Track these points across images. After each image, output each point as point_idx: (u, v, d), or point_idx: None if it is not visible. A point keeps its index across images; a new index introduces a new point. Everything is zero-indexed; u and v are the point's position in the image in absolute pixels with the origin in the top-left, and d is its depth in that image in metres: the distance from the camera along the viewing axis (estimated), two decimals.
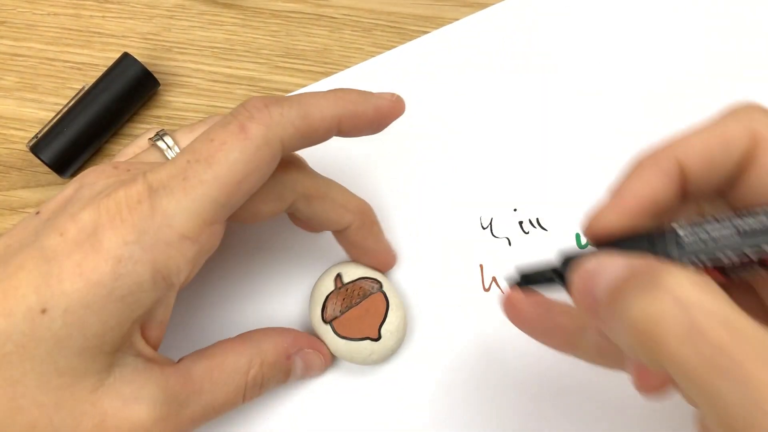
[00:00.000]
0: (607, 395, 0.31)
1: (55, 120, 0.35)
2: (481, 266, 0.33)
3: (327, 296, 0.31)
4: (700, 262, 0.20)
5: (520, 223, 0.34)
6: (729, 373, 0.17)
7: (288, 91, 0.37)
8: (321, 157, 0.32)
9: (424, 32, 0.38)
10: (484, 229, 0.34)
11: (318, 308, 0.31)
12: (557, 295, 0.24)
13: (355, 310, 0.30)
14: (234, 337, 0.29)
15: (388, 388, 0.32)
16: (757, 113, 0.22)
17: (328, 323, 0.30)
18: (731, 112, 0.23)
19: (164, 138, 0.30)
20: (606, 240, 0.22)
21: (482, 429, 0.31)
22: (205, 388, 0.26)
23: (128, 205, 0.23)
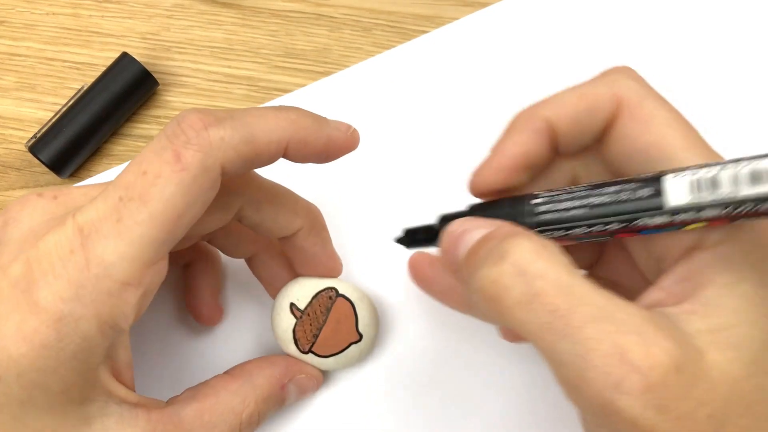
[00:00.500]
0: None
1: (54, 120, 0.35)
2: None
3: (293, 330, 0.29)
4: (554, 230, 0.22)
5: None
6: (563, 334, 0.18)
7: (288, 91, 0.37)
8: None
9: (424, 32, 0.38)
10: None
11: (291, 345, 0.29)
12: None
13: (327, 327, 0.29)
14: (225, 374, 0.28)
15: (379, 370, 0.32)
16: (624, 77, 0.23)
17: (308, 352, 0.30)
18: (601, 75, 0.23)
19: None
20: (487, 196, 0.24)
21: (470, 395, 0.31)
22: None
23: (60, 257, 0.22)
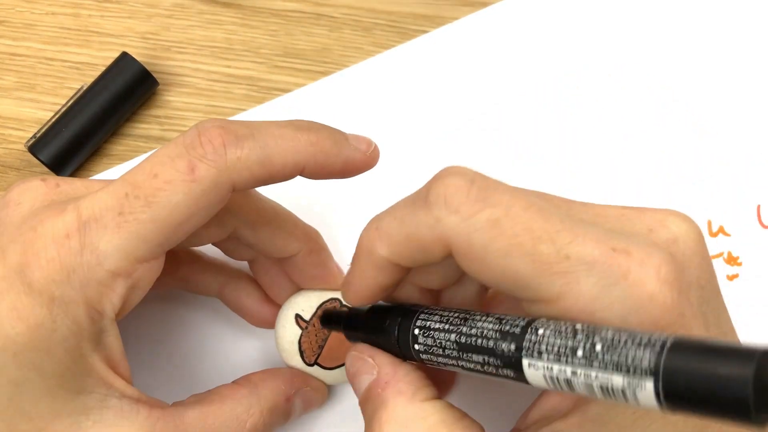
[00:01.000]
0: None
1: (54, 120, 0.35)
2: None
3: (299, 341, 0.29)
4: (431, 355, 0.22)
5: None
6: None
7: (288, 91, 0.37)
8: None
9: (424, 31, 0.38)
10: None
11: (296, 356, 0.29)
12: None
13: (332, 338, 0.29)
14: (232, 383, 0.28)
15: None
16: (447, 213, 0.20)
17: (313, 364, 0.29)
18: (425, 202, 0.21)
19: None
20: (366, 304, 0.25)
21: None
22: None
23: (55, 240, 0.22)
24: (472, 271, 0.20)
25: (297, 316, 0.29)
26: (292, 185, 0.29)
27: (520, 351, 0.19)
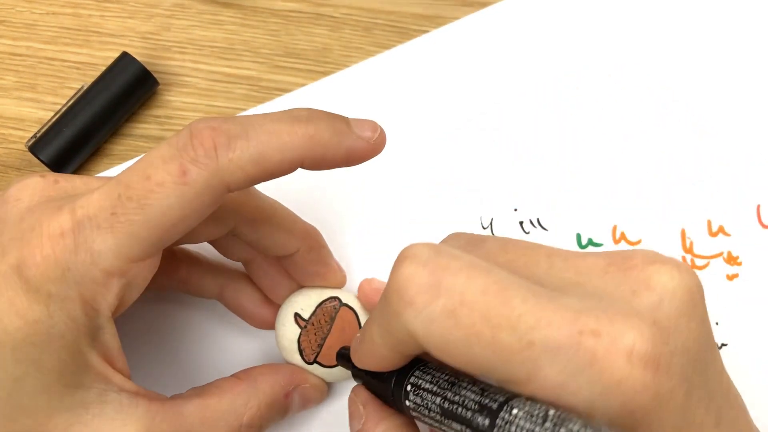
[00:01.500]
0: None
1: (54, 119, 0.35)
2: None
3: (298, 340, 0.29)
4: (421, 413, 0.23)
5: (521, 222, 0.34)
6: None
7: (288, 91, 0.37)
8: None
9: (425, 31, 0.38)
10: (484, 228, 0.34)
11: (296, 355, 0.29)
12: None
13: (331, 336, 0.29)
14: (231, 376, 0.28)
15: None
16: (403, 310, 0.19)
17: (313, 363, 0.29)
18: (386, 309, 0.20)
19: None
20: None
21: None
22: (195, 427, 0.25)
23: (50, 238, 0.22)
24: (443, 359, 0.20)
25: (296, 315, 0.30)
26: (292, 185, 0.30)
27: (492, 428, 0.19)
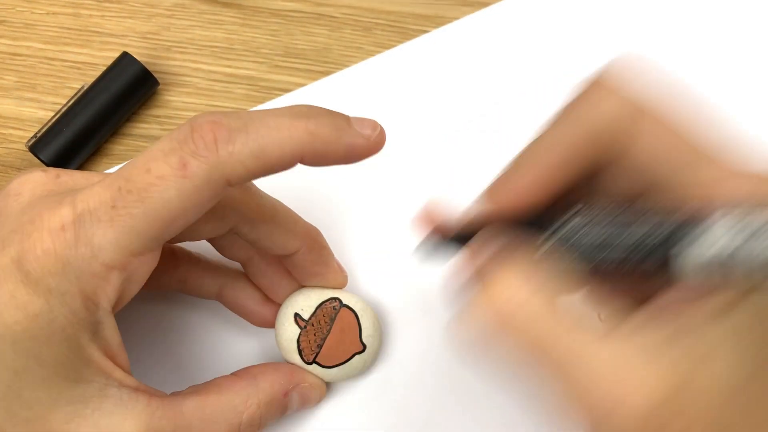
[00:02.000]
0: None
1: (54, 119, 0.35)
2: None
3: (298, 340, 0.30)
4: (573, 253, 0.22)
5: None
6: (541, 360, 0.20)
7: (288, 91, 0.37)
8: None
9: (425, 31, 0.38)
10: None
11: (295, 355, 0.29)
12: None
13: (331, 337, 0.30)
14: (230, 374, 0.28)
15: (383, 381, 0.32)
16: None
17: (312, 363, 0.30)
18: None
19: None
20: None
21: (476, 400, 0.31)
22: (195, 424, 0.25)
23: (51, 232, 0.22)
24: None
25: (296, 315, 0.30)
26: (293, 185, 0.30)
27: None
